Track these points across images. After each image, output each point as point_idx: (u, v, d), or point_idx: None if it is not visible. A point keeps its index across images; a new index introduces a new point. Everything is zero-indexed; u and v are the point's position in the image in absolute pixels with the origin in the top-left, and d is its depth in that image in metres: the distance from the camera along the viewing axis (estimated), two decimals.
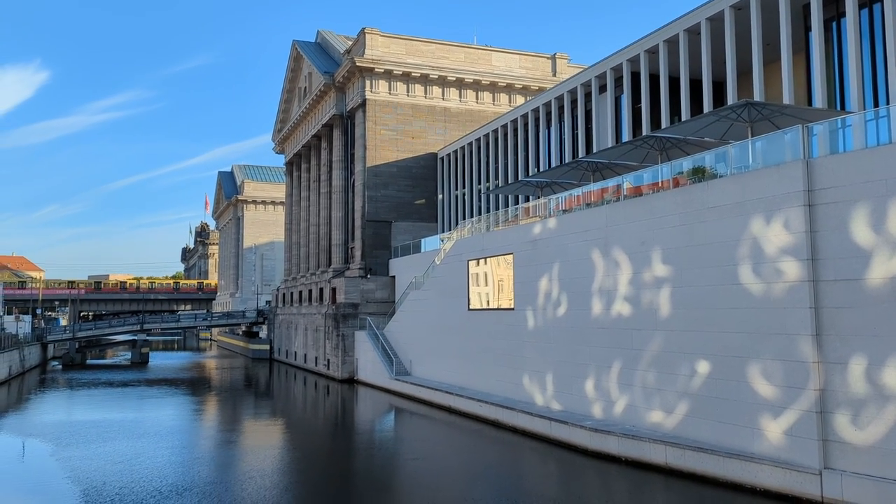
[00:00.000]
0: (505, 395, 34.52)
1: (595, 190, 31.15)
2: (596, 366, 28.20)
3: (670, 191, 25.62)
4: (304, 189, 76.69)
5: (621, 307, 27.00)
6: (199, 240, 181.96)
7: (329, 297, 60.77)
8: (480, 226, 41.96)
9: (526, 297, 33.72)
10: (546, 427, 28.94)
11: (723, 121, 25.45)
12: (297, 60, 76.34)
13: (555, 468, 26.00)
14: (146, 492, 21.80)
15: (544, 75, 62.80)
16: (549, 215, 33.78)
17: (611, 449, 25.06)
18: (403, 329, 48.79)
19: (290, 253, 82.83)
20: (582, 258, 29.50)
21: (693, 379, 23.35)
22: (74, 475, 24.40)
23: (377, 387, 49.03)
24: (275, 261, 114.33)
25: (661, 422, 24.57)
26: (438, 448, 30.29)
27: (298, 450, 31.24)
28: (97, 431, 33.36)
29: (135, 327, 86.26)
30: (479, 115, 61.04)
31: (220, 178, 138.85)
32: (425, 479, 24.11)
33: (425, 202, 60.28)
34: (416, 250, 53.08)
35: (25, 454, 30.55)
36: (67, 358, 79.01)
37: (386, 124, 59.10)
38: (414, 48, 60.33)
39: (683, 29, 33.73)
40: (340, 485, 24.17)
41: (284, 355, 75.10)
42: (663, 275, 25.00)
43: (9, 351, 60.77)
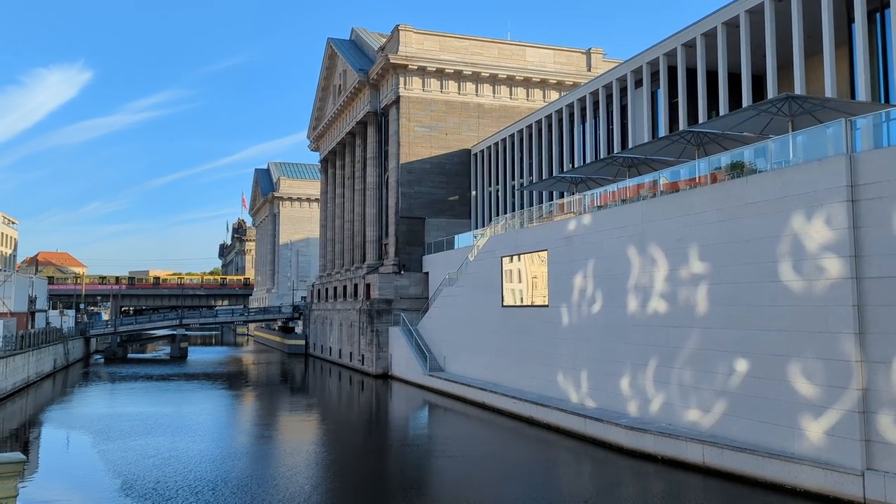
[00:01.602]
0: (539, 392, 34.41)
1: (631, 186, 30.84)
2: (631, 363, 27.94)
3: (708, 186, 25.25)
4: (339, 186, 77.27)
5: (657, 304, 26.70)
6: (237, 236, 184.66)
7: (363, 293, 61.20)
8: (514, 222, 41.84)
9: (560, 294, 33.54)
10: (581, 424, 28.79)
11: (762, 115, 24.98)
12: (332, 58, 76.89)
13: (590, 467, 25.86)
14: (181, 486, 22.18)
15: (579, 70, 62.30)
16: (583, 211, 33.54)
17: (647, 447, 24.82)
18: (437, 325, 48.92)
19: (325, 249, 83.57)
20: (617, 255, 29.25)
21: (731, 377, 23.01)
22: (114, 467, 24.99)
23: (411, 382, 49.26)
24: (310, 257, 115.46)
25: (698, 420, 24.26)
26: (472, 445, 30.30)
27: (333, 445, 31.53)
28: (137, 425, 34.10)
29: (174, 322, 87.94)
30: (512, 110, 60.81)
31: (256, 176, 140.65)
32: (459, 478, 24.15)
33: (458, 199, 60.30)
34: (449, 247, 53.14)
35: (69, 446, 31.39)
36: (109, 352, 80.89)
37: (420, 121, 59.22)
38: (447, 44, 60.32)
39: (722, 22, 33.16)
40: (374, 482, 24.30)
41: (320, 350, 75.86)
42: (701, 271, 24.66)
43: (54, 345, 62.40)
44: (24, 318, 60.82)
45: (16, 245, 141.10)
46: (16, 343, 48.84)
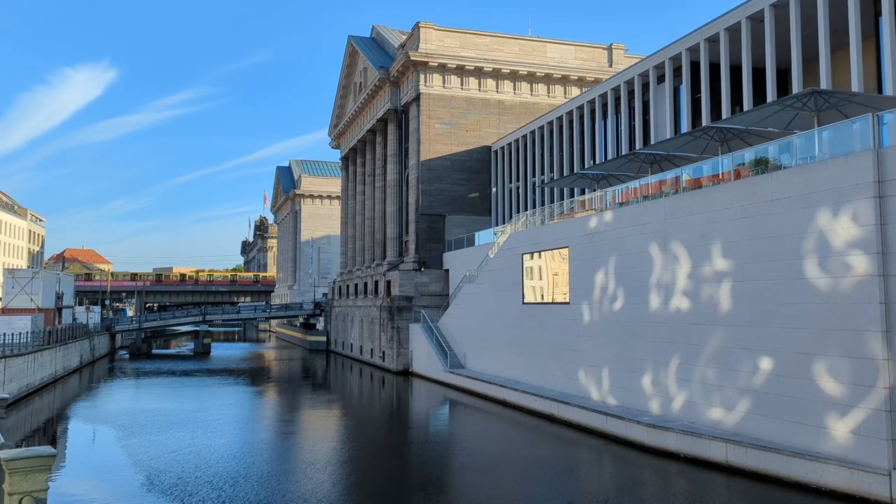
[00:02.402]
0: (560, 389, 34.32)
1: (653, 182, 30.62)
2: (653, 361, 27.77)
3: (732, 183, 25.00)
4: (360, 183, 77.55)
5: (680, 301, 26.50)
6: (259, 233, 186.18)
7: (384, 289, 61.41)
8: (535, 219, 41.74)
9: (581, 291, 33.42)
10: (602, 422, 28.68)
11: (787, 110, 24.66)
12: (353, 56, 77.13)
13: (612, 465, 25.75)
14: (202, 480, 22.40)
15: (600, 66, 61.92)
16: (605, 208, 33.36)
17: (669, 446, 24.67)
18: (457, 322, 48.96)
19: (346, 246, 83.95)
20: (639, 252, 29.07)
21: (755, 375, 22.78)
22: (137, 462, 25.33)
23: (431, 379, 49.37)
24: (331, 254, 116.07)
25: (721, 419, 24.06)
26: (493, 443, 30.30)
27: (353, 441, 31.68)
28: (160, 420, 34.53)
29: (197, 318, 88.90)
30: (533, 107, 60.61)
31: (278, 173, 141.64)
32: (479, 476, 24.13)
33: (479, 195, 60.27)
34: (469, 244, 53.15)
35: (95, 440, 31.88)
36: (134, 347, 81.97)
37: (440, 118, 59.23)
38: (468, 41, 60.25)
39: (746, 16, 32.78)
40: (394, 479, 24.36)
41: (341, 347, 76.27)
42: (724, 269, 24.43)
43: (80, 340, 63.35)
44: (51, 314, 61.80)
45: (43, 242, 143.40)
46: (43, 339, 49.66)
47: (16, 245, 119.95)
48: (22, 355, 42.16)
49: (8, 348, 41.53)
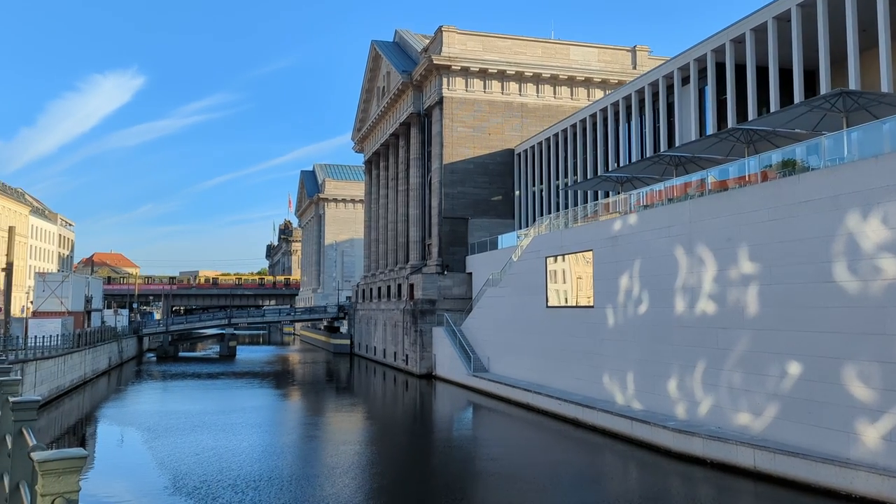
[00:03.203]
0: (584, 393, 34.13)
1: (677, 185, 30.37)
2: (679, 365, 27.50)
3: (758, 185, 24.71)
4: (383, 187, 77.85)
5: (706, 305, 26.23)
6: (283, 237, 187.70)
7: (407, 293, 61.54)
8: (558, 222, 41.58)
9: (606, 295, 33.21)
10: (627, 427, 28.45)
11: (815, 111, 24.34)
12: (376, 60, 77.51)
13: (637, 470, 25.54)
14: (226, 483, 22.58)
15: (624, 68, 61.58)
16: (629, 211, 33.15)
17: (695, 451, 24.40)
18: (481, 326, 48.90)
19: (369, 250, 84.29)
20: (664, 255, 28.82)
21: (783, 380, 22.47)
22: (163, 463, 25.62)
23: (455, 383, 49.35)
24: (354, 257, 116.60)
25: (748, 424, 23.75)
26: (517, 448, 30.18)
27: (377, 445, 31.74)
28: (186, 422, 34.89)
29: (223, 322, 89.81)
30: (556, 110, 60.43)
31: (302, 178, 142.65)
32: (503, 481, 24.06)
33: (502, 199, 60.19)
34: (492, 247, 53.08)
35: (123, 442, 32.33)
36: (161, 350, 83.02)
37: (463, 121, 59.28)
38: (491, 44, 60.26)
39: (772, 16, 32.42)
40: (417, 483, 24.30)
41: (364, 350, 76.55)
42: (751, 272, 24.14)
43: (109, 343, 64.30)
44: (80, 317, 62.76)
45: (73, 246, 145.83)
46: (73, 341, 50.46)
47: (46, 249, 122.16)
48: (52, 358, 42.88)
49: (39, 351, 42.25)
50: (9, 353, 35.87)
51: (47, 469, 4.69)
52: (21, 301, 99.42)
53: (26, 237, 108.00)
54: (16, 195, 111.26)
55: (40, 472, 4.73)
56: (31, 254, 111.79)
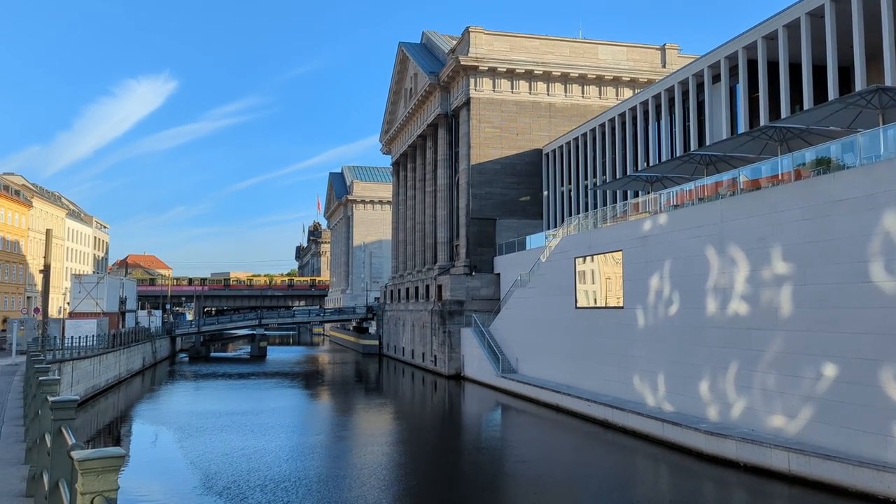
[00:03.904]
0: (614, 394, 33.87)
1: (708, 184, 30.00)
2: (711, 366, 27.16)
3: (792, 184, 24.31)
4: (410, 188, 78.07)
5: (738, 306, 25.87)
6: (312, 239, 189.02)
7: (435, 294, 61.62)
8: (587, 222, 41.31)
9: (635, 296, 32.92)
10: (658, 428, 28.17)
11: (850, 108, 23.88)
12: (403, 62, 77.76)
13: (669, 473, 25.27)
14: (254, 483, 22.76)
15: (653, 67, 60.99)
16: (659, 211, 32.82)
17: (728, 453, 24.07)
18: (509, 326, 48.78)
19: (397, 251, 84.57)
20: (695, 255, 28.49)
21: (818, 382, 22.07)
22: (194, 463, 25.97)
23: (483, 384, 49.29)
24: (383, 258, 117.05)
25: (782, 426, 23.37)
26: (546, 450, 30.05)
27: (405, 446, 31.81)
28: (217, 422, 35.33)
29: (253, 322, 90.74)
30: (584, 109, 60.06)
31: (330, 179, 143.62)
32: (532, 483, 23.94)
33: (530, 199, 59.98)
34: (520, 248, 52.92)
35: (156, 441, 32.85)
36: (193, 350, 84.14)
37: (490, 122, 59.20)
38: (518, 44, 60.10)
39: (805, 12, 31.88)
40: (446, 485, 24.24)
41: (393, 350, 76.81)
42: (784, 272, 23.75)
43: (142, 344, 65.38)
44: (115, 317, 63.91)
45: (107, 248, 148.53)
46: (108, 342, 51.40)
47: (82, 251, 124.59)
48: (88, 358, 43.72)
49: (75, 351, 43.11)
50: (47, 353, 36.62)
51: (87, 468, 4.78)
52: (58, 302, 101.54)
53: (63, 239, 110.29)
54: (53, 198, 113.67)
55: (80, 471, 4.82)
56: (68, 256, 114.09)
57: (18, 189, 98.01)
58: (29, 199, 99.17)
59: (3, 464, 12.40)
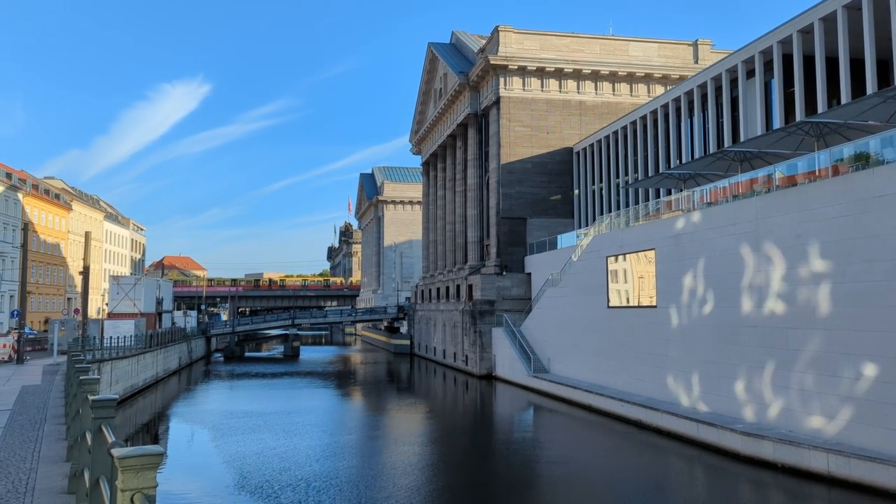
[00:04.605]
0: (647, 394, 33.54)
1: (743, 181, 29.55)
2: (747, 366, 26.75)
3: (829, 180, 23.83)
4: (440, 188, 78.17)
5: (774, 304, 25.43)
6: (344, 239, 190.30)
7: (465, 293, 61.61)
8: (619, 221, 40.97)
9: (669, 295, 32.56)
10: (693, 429, 27.82)
11: (889, 102, 23.35)
12: (433, 62, 77.90)
13: (705, 475, 24.94)
14: (287, 482, 22.96)
15: (685, 63, 60.24)
16: (692, 209, 32.42)
17: (765, 454, 23.68)
18: (540, 326, 48.59)
19: (428, 251, 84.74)
20: (729, 253, 28.09)
21: (858, 382, 21.60)
22: (229, 462, 26.31)
23: (515, 383, 49.17)
24: (413, 258, 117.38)
25: (821, 427, 22.92)
26: (579, 450, 29.86)
27: (437, 445, 31.84)
28: (251, 422, 35.71)
29: (286, 322, 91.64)
30: (615, 107, 59.55)
31: (361, 180, 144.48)
32: (565, 486, 23.80)
33: (561, 198, 59.66)
34: (551, 247, 52.66)
35: (192, 440, 33.38)
36: (228, 350, 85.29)
37: (520, 120, 59.01)
38: (548, 43, 59.82)
39: (842, 5, 31.21)
40: (477, 485, 24.09)
41: (424, 350, 77.01)
42: (822, 270, 23.29)
43: (178, 344, 66.45)
44: (152, 318, 65.06)
45: (144, 250, 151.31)
46: (145, 342, 52.37)
47: (120, 253, 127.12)
48: (126, 358, 44.59)
49: (114, 351, 44.00)
50: (87, 353, 37.44)
51: (127, 465, 4.88)
52: (97, 303, 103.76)
53: (101, 242, 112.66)
54: (91, 201, 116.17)
55: (120, 468, 4.92)
56: (106, 258, 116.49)
57: (58, 193, 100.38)
58: (68, 203, 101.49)
59: (46, 461, 12.71)
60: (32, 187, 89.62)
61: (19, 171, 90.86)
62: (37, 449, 13.87)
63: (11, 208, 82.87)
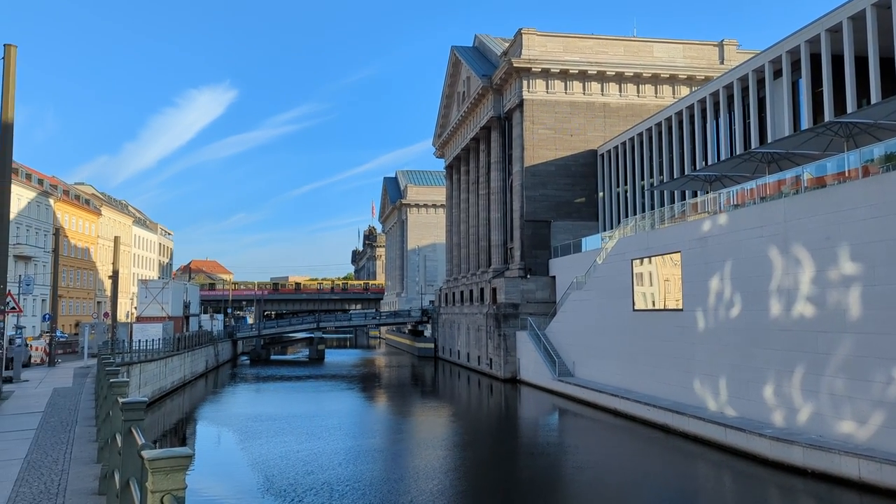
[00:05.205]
0: (673, 398, 33.20)
1: (771, 182, 29.18)
2: (775, 370, 26.38)
3: (860, 181, 23.44)
4: (464, 191, 78.20)
5: (803, 308, 25.06)
6: (368, 243, 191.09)
7: (489, 297, 61.53)
8: (644, 223, 40.66)
9: (695, 298, 32.23)
10: (720, 434, 27.49)
11: None
12: (456, 66, 78.01)
13: (733, 480, 24.63)
14: (311, 485, 23.07)
15: (711, 64, 59.67)
16: (719, 211, 32.08)
17: (795, 460, 23.33)
18: (565, 330, 48.36)
19: (451, 254, 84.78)
20: (757, 256, 27.74)
21: (890, 386, 21.20)
22: (256, 464, 26.53)
23: (539, 387, 48.97)
24: (437, 262, 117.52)
25: (852, 432, 22.53)
26: (604, 455, 29.62)
27: (461, 449, 31.72)
28: (277, 425, 35.95)
29: (311, 326, 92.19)
30: (640, 108, 59.16)
31: (385, 184, 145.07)
32: (590, 492, 23.60)
33: (585, 200, 59.36)
34: (576, 250, 52.42)
35: (219, 442, 33.72)
36: (254, 353, 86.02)
37: (543, 123, 58.85)
38: (571, 45, 59.62)
39: (871, 3, 30.71)
40: (500, 491, 23.94)
41: (448, 353, 77.01)
42: (852, 273, 22.91)
43: (205, 347, 67.17)
44: (179, 321, 65.87)
45: (171, 254, 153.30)
46: (173, 345, 53.02)
47: (148, 257, 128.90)
48: (154, 360, 45.17)
49: (143, 354, 44.62)
50: (116, 356, 38.01)
51: (157, 467, 4.95)
52: (126, 307, 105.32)
53: (130, 246, 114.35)
54: (120, 206, 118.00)
55: (150, 470, 5.00)
56: (135, 262, 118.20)
57: (88, 198, 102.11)
58: (98, 208, 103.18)
59: (78, 463, 12.93)
60: (63, 193, 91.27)
61: (51, 178, 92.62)
62: (68, 450, 14.11)
63: (43, 214, 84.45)
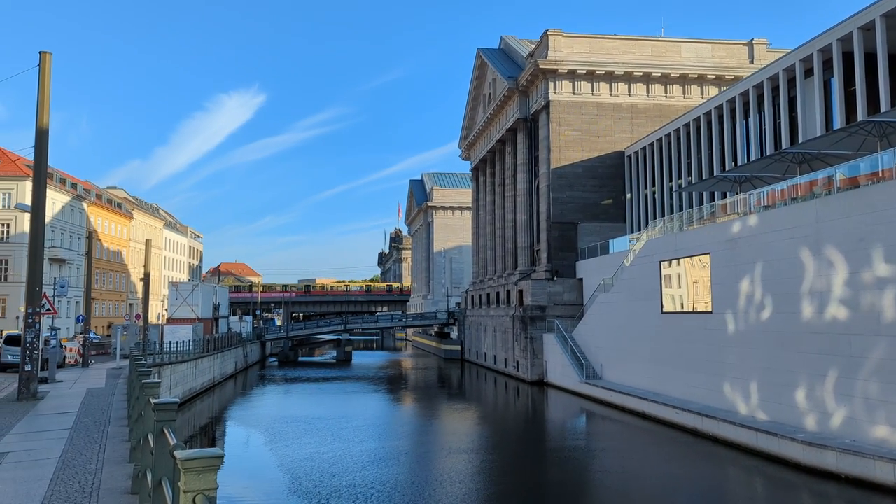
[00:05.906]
0: (703, 402, 32.81)
1: (802, 183, 28.72)
2: (807, 374, 25.94)
3: (894, 181, 22.97)
4: (490, 193, 78.09)
5: (836, 310, 24.62)
6: (394, 245, 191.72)
7: (516, 299, 61.34)
8: (672, 225, 40.26)
9: (725, 300, 31.83)
10: (752, 438, 27.10)
11: None
12: (482, 68, 77.98)
13: (764, 485, 24.23)
14: (339, 487, 23.19)
15: (740, 63, 58.91)
16: (748, 212, 31.65)
17: (828, 465, 22.92)
18: (592, 332, 48.04)
19: (477, 256, 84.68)
20: (788, 257, 27.31)
21: None
22: (283, 465, 26.76)
23: (567, 390, 48.69)
24: (463, 264, 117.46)
25: (886, 437, 22.07)
26: (633, 459, 29.32)
27: (488, 452, 31.59)
28: (305, 426, 36.21)
29: (339, 327, 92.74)
30: (668, 109, 58.60)
31: (411, 187, 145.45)
32: (618, 497, 23.40)
33: (612, 202, 58.92)
34: (603, 252, 52.06)
35: (248, 443, 34.05)
36: (282, 355, 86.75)
37: (570, 124, 58.56)
38: (598, 46, 59.26)
39: None
40: (528, 495, 23.72)
41: (474, 356, 76.90)
42: (887, 274, 22.46)
43: (234, 348, 67.91)
44: (209, 323, 66.67)
45: (201, 257, 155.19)
46: (203, 347, 53.68)
47: (178, 260, 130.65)
48: (185, 362, 45.79)
49: (174, 355, 45.24)
50: (147, 357, 38.61)
51: (189, 467, 5.02)
52: (157, 308, 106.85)
53: (161, 249, 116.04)
54: (151, 210, 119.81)
55: (182, 470, 5.06)
56: (165, 264, 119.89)
57: (120, 202, 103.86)
58: (130, 211, 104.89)
59: (111, 462, 13.15)
60: (96, 197, 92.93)
61: (84, 182, 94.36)
62: (101, 450, 14.35)
63: (77, 217, 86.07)
